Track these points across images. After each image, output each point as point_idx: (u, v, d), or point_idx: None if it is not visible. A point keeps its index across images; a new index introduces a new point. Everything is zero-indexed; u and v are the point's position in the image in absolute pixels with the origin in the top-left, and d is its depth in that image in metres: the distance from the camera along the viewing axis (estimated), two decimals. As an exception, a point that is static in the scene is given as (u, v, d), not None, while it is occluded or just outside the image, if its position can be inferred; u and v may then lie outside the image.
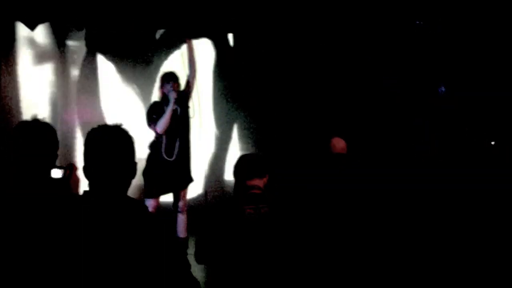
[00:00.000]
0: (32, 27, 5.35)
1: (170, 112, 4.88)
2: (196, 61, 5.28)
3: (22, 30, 5.65)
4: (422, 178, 5.57)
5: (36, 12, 5.20)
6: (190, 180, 5.16)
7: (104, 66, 6.40)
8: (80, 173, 2.23)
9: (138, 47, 6.38)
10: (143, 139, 4.94)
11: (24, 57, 5.90)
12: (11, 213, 2.12)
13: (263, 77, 6.54)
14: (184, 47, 5.52)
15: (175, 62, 6.06)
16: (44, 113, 5.67)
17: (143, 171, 4.93)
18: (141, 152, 4.89)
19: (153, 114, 4.95)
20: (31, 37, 5.76)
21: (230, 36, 6.64)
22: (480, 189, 5.38)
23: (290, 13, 5.89)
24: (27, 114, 5.44)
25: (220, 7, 5.74)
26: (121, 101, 6.33)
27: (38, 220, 2.02)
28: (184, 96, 5.06)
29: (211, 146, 6.71)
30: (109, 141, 2.05)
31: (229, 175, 6.05)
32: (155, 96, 5.54)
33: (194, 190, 6.08)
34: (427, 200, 5.43)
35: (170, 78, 5.03)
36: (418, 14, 5.93)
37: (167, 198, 5.23)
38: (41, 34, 5.91)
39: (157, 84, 5.47)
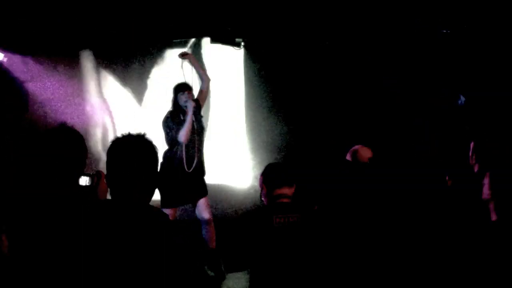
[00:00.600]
0: None
1: (191, 121, 4.80)
2: (204, 70, 5.25)
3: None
4: (422, 178, 5.62)
5: None
6: (205, 192, 5.03)
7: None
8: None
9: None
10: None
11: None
12: (34, 217, 2.14)
13: (265, 81, 6.55)
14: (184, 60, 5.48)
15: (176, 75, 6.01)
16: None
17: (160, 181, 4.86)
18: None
19: (172, 124, 4.86)
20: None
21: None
22: (479, 189, 5.47)
23: (297, 19, 5.90)
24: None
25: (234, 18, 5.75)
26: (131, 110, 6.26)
27: (59, 224, 2.04)
28: (197, 107, 4.98)
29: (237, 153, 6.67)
30: (132, 151, 2.05)
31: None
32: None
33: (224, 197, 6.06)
34: (428, 201, 5.50)
35: (183, 88, 4.96)
36: (418, 14, 5.96)
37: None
38: None
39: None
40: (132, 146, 2.06)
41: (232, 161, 6.38)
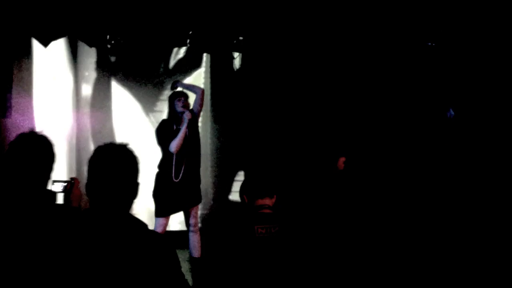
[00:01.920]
0: (45, 43, 5.26)
1: (184, 132, 4.81)
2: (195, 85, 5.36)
3: (37, 45, 5.43)
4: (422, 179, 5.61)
5: (50, 29, 5.14)
6: (199, 200, 5.07)
7: (116, 84, 6.38)
8: (82, 187, 2.25)
9: (149, 65, 6.41)
10: (152, 158, 4.93)
11: (38, 73, 5.73)
12: (4, 225, 2.12)
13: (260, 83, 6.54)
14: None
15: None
16: (56, 128, 5.62)
17: (153, 191, 4.90)
18: (150, 172, 4.87)
19: (164, 133, 4.87)
20: (45, 53, 5.57)
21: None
22: (479, 189, 5.45)
23: (292, 23, 5.88)
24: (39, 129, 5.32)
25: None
26: (131, 119, 6.32)
27: (33, 233, 2.05)
28: (192, 118, 4.95)
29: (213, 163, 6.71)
30: (113, 160, 2.05)
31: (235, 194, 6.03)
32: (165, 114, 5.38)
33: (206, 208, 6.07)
34: (427, 202, 5.49)
35: (180, 94, 4.98)
36: (418, 15, 5.91)
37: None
38: (56, 50, 5.79)
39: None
40: (113, 155, 2.06)
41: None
